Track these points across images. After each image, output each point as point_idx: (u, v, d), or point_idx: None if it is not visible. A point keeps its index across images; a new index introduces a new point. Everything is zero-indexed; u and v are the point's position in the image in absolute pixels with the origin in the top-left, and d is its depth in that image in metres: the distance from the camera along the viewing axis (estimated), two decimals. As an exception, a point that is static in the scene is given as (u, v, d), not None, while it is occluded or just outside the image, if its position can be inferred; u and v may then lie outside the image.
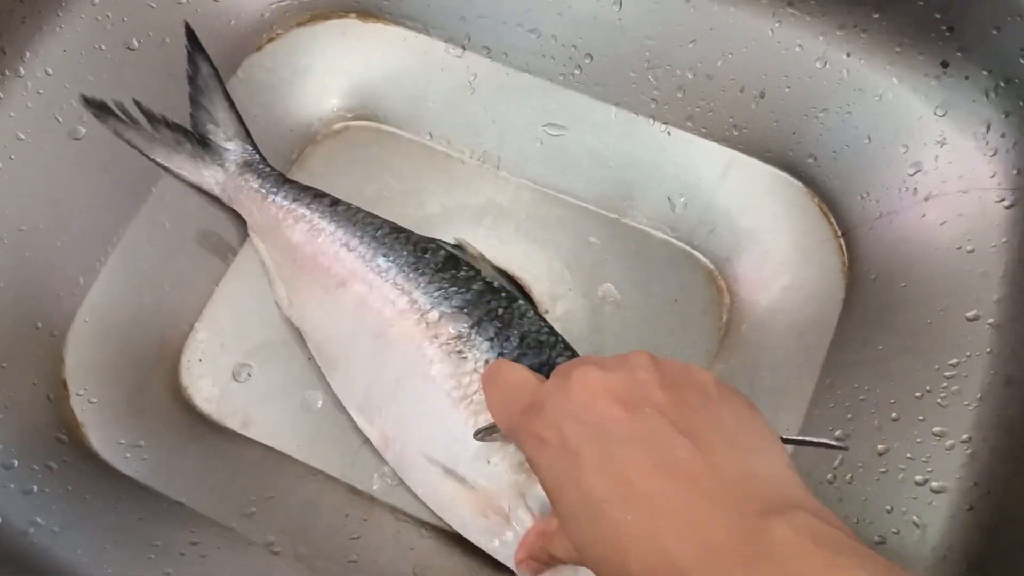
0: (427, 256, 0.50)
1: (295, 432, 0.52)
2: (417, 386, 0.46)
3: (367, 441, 0.51)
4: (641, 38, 0.57)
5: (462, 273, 0.49)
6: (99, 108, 0.53)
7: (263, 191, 0.54)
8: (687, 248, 0.57)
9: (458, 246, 0.52)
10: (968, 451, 0.43)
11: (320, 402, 0.53)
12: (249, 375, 0.54)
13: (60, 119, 0.53)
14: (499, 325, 0.47)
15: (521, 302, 0.49)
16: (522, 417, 0.33)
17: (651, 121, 0.58)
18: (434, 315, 0.47)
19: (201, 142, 0.56)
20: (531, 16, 0.58)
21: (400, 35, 0.61)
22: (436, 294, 0.48)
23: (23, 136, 0.51)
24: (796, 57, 0.54)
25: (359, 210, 0.53)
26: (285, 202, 0.53)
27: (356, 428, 0.51)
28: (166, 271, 0.54)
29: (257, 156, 0.56)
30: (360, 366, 0.49)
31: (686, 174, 0.57)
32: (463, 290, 0.48)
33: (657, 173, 0.58)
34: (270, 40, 0.61)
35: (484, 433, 0.41)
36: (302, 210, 0.53)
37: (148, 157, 0.55)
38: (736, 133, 0.57)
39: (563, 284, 0.56)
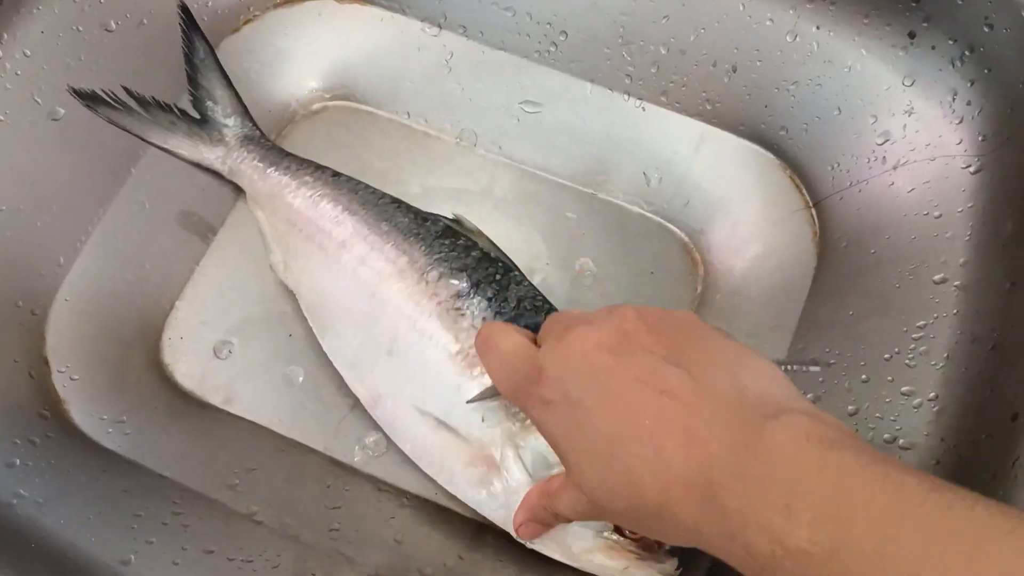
0: (427, 224, 0.52)
1: (277, 407, 0.52)
2: (413, 341, 0.47)
3: (348, 414, 0.52)
4: (615, 14, 0.57)
5: (461, 241, 0.51)
6: (90, 98, 0.54)
7: (265, 163, 0.55)
8: (662, 221, 0.58)
9: (456, 220, 0.53)
10: (935, 408, 0.44)
11: (301, 377, 0.53)
12: (231, 352, 0.54)
13: (39, 100, 0.53)
14: (497, 288, 0.48)
15: (516, 272, 0.50)
16: (526, 384, 0.36)
17: (626, 97, 0.59)
18: (434, 275, 0.48)
19: (198, 120, 0.57)
20: (506, -6, 0.58)
21: (376, 15, 0.61)
22: (436, 256, 0.49)
23: (2, 117, 0.52)
24: (767, 31, 0.55)
25: (360, 182, 0.55)
26: (287, 173, 0.54)
27: (337, 402, 0.52)
28: (147, 250, 0.55)
29: (257, 132, 0.57)
30: (355, 324, 0.50)
31: (661, 149, 0.58)
32: (462, 255, 0.50)
33: (632, 148, 0.59)
34: (247, 22, 0.61)
35: (478, 397, 0.43)
36: (306, 177, 0.54)
37: (145, 140, 0.55)
38: (709, 107, 0.57)
39: (541, 259, 0.57)
